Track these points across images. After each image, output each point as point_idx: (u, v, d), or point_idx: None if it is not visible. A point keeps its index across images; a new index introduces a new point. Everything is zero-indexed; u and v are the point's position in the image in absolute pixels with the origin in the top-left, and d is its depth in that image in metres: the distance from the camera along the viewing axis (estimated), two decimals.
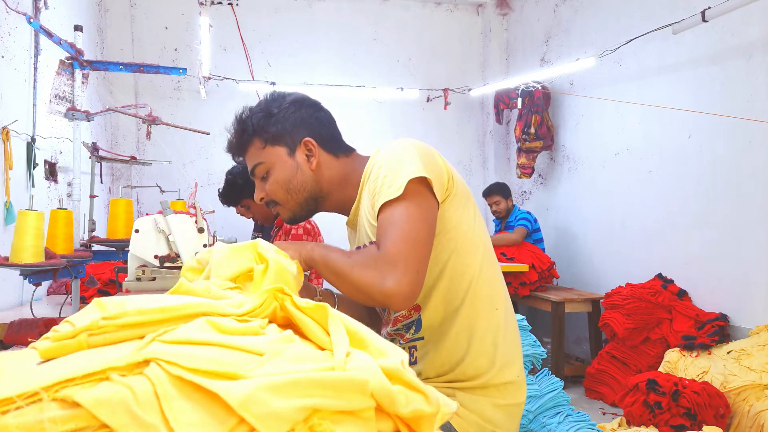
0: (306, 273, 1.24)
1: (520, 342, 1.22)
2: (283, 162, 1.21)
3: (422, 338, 1.17)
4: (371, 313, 1.38)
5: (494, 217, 4.71)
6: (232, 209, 3.11)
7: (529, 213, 4.49)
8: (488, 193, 4.54)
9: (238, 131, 1.25)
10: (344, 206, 1.27)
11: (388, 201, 1.06)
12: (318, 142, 1.23)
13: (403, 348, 1.20)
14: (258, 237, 1.04)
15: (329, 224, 4.26)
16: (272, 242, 0.93)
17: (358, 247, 1.23)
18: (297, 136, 1.22)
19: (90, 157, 2.54)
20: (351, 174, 1.23)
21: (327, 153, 1.25)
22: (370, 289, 0.99)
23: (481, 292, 1.14)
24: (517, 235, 4.32)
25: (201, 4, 4.13)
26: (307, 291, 1.20)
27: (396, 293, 0.98)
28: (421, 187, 1.07)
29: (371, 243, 1.15)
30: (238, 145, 1.26)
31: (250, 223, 3.81)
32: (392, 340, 1.23)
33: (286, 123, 1.22)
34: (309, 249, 1.06)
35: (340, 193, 1.24)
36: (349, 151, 1.29)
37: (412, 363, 1.17)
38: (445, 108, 5.21)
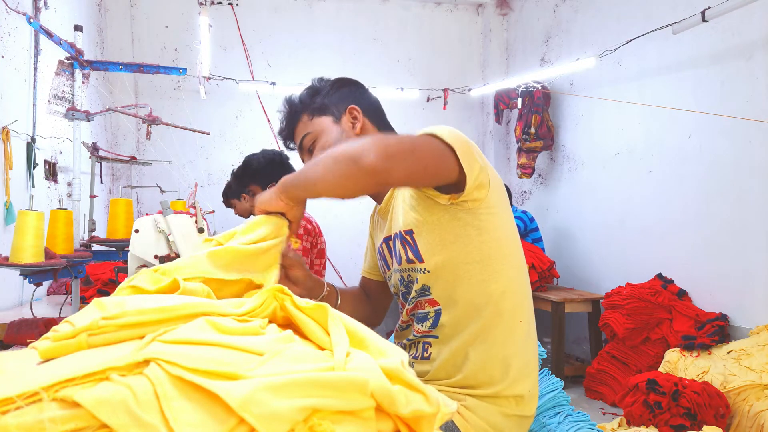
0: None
1: (538, 357, 1.17)
2: (328, 129, 1.24)
3: (437, 336, 1.13)
4: (375, 311, 1.38)
5: None
6: (231, 210, 3.11)
7: (524, 212, 4.48)
8: None
9: (286, 112, 1.29)
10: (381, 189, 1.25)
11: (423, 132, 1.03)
12: (363, 111, 1.26)
13: (416, 341, 1.18)
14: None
15: (330, 224, 4.26)
16: None
17: (386, 237, 1.22)
18: (342, 106, 1.26)
19: (90, 157, 2.53)
20: None
21: (371, 123, 1.27)
22: (347, 150, 0.92)
23: (507, 302, 1.10)
24: None
25: (201, 3, 4.13)
26: (315, 284, 1.21)
27: (370, 157, 0.90)
28: (464, 155, 1.00)
29: (405, 232, 1.14)
30: (288, 126, 1.30)
31: None
32: (407, 327, 1.22)
33: (332, 96, 1.26)
34: (282, 184, 1.00)
35: None
36: (391, 129, 1.29)
37: (425, 358, 1.15)
38: (444, 108, 5.20)
